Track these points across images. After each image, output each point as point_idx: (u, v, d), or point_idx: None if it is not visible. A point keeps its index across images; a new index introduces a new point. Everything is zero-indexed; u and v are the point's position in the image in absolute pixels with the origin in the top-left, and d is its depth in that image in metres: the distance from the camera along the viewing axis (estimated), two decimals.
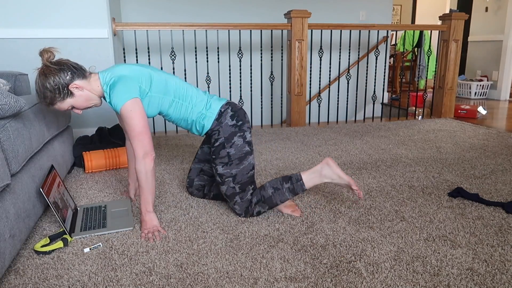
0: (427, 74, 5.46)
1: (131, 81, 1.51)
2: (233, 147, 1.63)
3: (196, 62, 3.49)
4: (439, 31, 4.04)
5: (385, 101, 5.37)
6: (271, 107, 3.86)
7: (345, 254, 1.42)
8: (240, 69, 3.67)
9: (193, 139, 3.20)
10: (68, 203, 1.72)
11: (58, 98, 1.49)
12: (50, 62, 1.49)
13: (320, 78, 3.88)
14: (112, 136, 2.80)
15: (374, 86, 4.08)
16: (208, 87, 3.32)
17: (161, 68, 3.42)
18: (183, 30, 3.37)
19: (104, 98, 1.61)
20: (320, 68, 4.20)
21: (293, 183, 1.66)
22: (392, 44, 6.81)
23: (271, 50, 3.72)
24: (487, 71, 5.61)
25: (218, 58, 3.58)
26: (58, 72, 1.46)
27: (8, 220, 1.31)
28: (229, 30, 3.51)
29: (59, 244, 1.47)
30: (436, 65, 4.12)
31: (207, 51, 3.54)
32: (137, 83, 1.52)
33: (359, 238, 1.53)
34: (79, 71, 1.51)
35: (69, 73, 1.48)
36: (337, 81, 4.88)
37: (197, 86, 3.60)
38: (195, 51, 3.53)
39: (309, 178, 1.66)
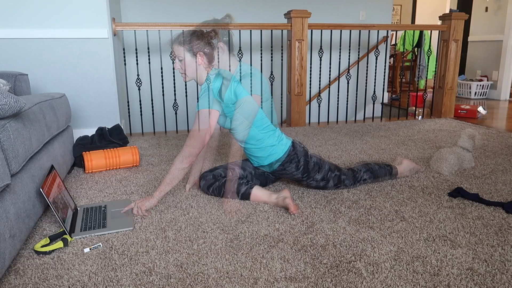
0: (427, 74, 5.46)
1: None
2: (312, 157, 1.95)
3: None
4: (439, 31, 4.04)
5: (385, 101, 5.38)
6: (271, 107, 3.86)
7: (345, 254, 1.42)
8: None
9: None
10: (68, 203, 1.72)
11: (186, 46, 1.84)
12: (210, 36, 1.88)
13: (320, 78, 3.88)
14: (112, 136, 2.80)
15: (374, 86, 4.08)
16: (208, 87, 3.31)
17: (161, 68, 3.42)
18: (183, 30, 3.35)
19: (200, 84, 2.01)
20: (320, 68, 4.20)
21: (392, 168, 2.15)
22: (392, 44, 6.81)
23: (271, 50, 3.72)
24: (487, 71, 5.61)
25: (218, 58, 3.57)
26: (206, 41, 1.86)
27: (8, 220, 1.31)
28: (229, 30, 3.51)
29: (59, 244, 1.47)
30: (436, 65, 4.12)
31: None
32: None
33: (359, 238, 1.53)
34: (211, 56, 1.92)
35: (207, 48, 1.87)
36: (337, 81, 4.89)
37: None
38: None
39: (399, 170, 2.19)
